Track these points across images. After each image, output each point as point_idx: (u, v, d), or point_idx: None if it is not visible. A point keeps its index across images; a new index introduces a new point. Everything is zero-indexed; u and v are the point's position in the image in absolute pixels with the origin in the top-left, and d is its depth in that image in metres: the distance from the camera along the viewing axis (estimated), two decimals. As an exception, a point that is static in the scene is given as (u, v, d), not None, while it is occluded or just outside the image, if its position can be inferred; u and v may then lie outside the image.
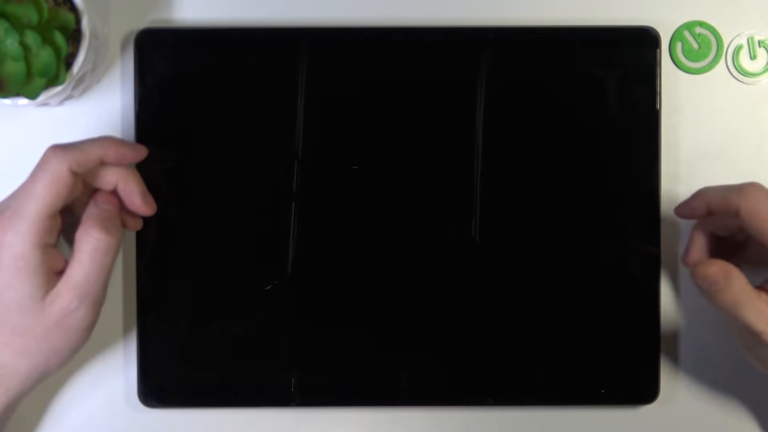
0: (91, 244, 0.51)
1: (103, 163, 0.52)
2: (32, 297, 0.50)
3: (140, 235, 0.56)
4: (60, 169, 0.49)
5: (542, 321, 0.57)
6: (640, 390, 0.57)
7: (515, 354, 0.57)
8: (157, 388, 0.57)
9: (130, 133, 0.57)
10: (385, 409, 0.58)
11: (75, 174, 0.50)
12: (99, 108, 0.57)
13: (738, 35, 0.58)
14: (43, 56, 0.49)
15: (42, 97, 0.51)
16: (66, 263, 0.51)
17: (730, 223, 0.52)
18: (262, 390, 0.57)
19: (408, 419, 0.58)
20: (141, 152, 0.54)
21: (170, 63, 0.56)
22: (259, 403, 0.58)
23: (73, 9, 0.52)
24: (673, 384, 0.58)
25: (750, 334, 0.51)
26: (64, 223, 0.53)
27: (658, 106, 0.56)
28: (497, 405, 0.57)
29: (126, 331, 0.58)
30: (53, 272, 0.51)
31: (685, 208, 0.54)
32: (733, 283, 0.50)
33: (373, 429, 0.59)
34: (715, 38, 0.58)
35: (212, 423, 0.58)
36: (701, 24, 0.58)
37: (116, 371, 0.58)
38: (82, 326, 0.51)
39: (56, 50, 0.49)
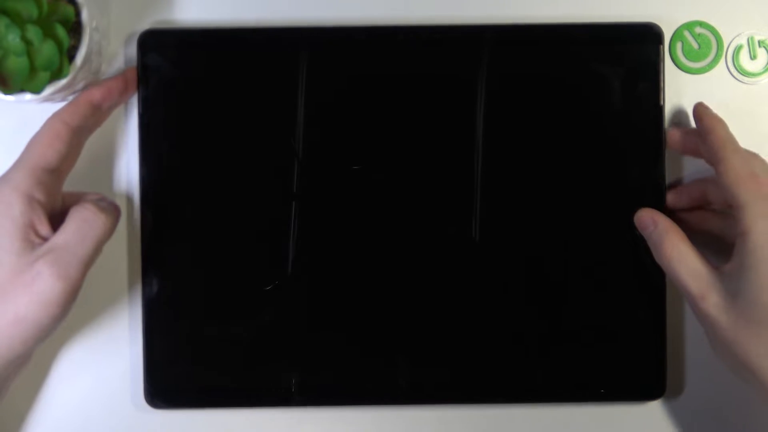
0: (82, 214, 0.50)
1: (97, 108, 0.53)
2: (4, 248, 0.48)
3: (144, 235, 0.56)
4: (52, 122, 0.51)
5: (545, 319, 0.57)
6: (646, 386, 0.57)
7: (518, 352, 0.57)
8: (164, 389, 0.57)
9: (133, 133, 0.57)
10: (385, 408, 0.58)
11: (69, 125, 0.51)
12: (101, 107, 0.58)
13: (738, 35, 0.58)
14: (46, 50, 0.49)
15: (47, 92, 0.51)
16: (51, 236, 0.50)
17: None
18: (263, 390, 0.57)
19: (409, 418, 0.58)
20: (129, 75, 0.55)
21: (173, 64, 0.56)
22: (260, 403, 0.58)
23: (72, 1, 0.52)
24: (679, 380, 0.58)
25: (694, 310, 0.51)
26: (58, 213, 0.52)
27: (662, 102, 0.56)
28: (500, 403, 0.57)
29: (132, 332, 0.58)
30: (34, 231, 0.49)
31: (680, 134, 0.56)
32: (669, 235, 0.52)
33: (374, 428, 0.58)
34: (715, 38, 0.58)
35: (217, 424, 0.58)
36: (701, 24, 0.58)
37: (122, 372, 0.58)
38: (51, 296, 0.48)
39: (58, 43, 0.49)
